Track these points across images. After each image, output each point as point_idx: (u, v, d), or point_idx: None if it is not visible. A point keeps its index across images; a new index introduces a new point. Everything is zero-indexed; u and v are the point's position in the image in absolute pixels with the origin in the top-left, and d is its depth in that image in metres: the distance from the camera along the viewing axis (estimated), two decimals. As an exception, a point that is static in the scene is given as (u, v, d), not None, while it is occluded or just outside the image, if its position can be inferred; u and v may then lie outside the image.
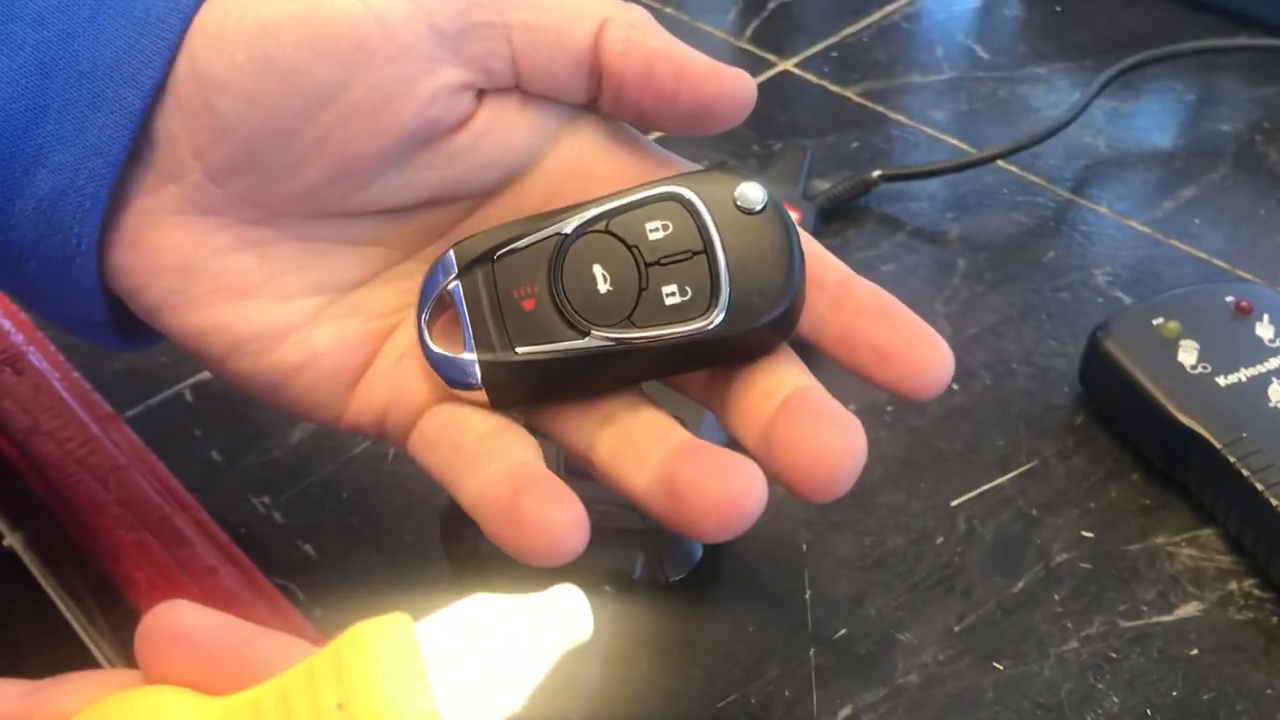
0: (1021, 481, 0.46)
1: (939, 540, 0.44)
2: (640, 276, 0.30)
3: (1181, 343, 0.46)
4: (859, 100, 0.67)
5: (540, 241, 0.30)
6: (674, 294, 0.30)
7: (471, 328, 0.30)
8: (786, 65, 0.70)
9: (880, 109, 0.66)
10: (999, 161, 0.61)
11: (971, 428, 0.48)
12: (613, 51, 0.30)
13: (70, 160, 0.30)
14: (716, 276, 0.29)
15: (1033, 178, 0.61)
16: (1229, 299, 0.47)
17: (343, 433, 0.48)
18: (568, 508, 0.28)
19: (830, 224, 0.58)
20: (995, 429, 0.48)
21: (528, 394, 0.31)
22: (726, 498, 0.27)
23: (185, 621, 0.25)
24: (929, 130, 0.65)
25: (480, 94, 0.31)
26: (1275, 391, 0.44)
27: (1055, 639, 0.41)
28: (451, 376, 0.31)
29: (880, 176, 0.59)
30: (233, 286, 0.32)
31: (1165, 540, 0.43)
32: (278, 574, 0.42)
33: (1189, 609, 0.41)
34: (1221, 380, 0.44)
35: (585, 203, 0.31)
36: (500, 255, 0.31)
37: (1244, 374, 0.44)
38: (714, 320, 0.29)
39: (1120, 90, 0.65)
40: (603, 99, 0.31)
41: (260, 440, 0.48)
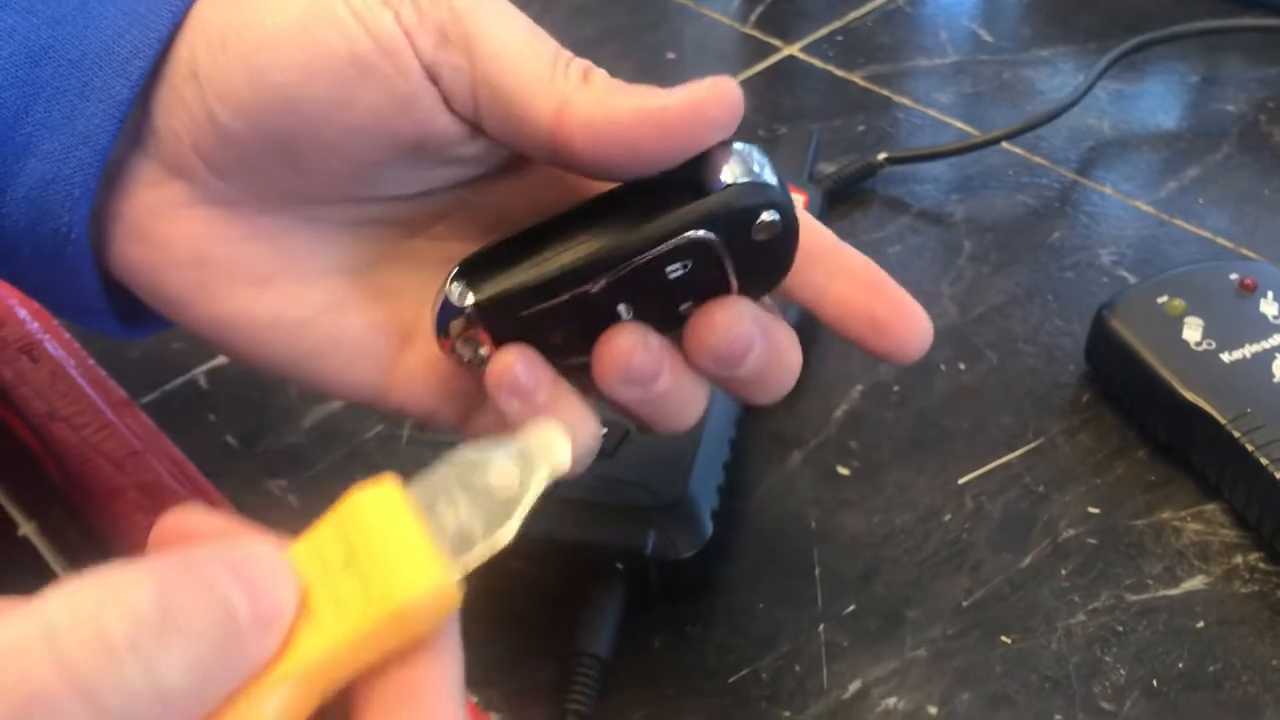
0: (1028, 459, 0.46)
1: (947, 517, 0.44)
2: (661, 311, 0.31)
3: (1186, 320, 0.46)
4: (864, 84, 0.67)
5: (564, 301, 0.30)
6: (687, 308, 0.31)
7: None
8: (791, 50, 0.71)
9: (885, 93, 0.67)
10: (1004, 143, 0.61)
11: (978, 406, 0.48)
12: (577, 140, 0.29)
13: (58, 149, 0.30)
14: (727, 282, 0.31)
15: (1037, 159, 0.61)
16: (1233, 277, 0.48)
17: (356, 416, 0.48)
18: None
19: (836, 206, 0.59)
20: (1002, 407, 0.48)
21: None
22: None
23: (197, 527, 0.25)
24: (934, 113, 0.65)
25: None
26: (1279, 367, 0.44)
27: (1063, 613, 0.41)
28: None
29: (885, 159, 0.59)
30: (249, 276, 0.32)
31: (1171, 515, 0.44)
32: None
33: (1195, 583, 0.42)
34: (1226, 357, 0.45)
35: (608, 252, 0.29)
36: (523, 314, 0.30)
37: (1248, 350, 0.45)
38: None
39: (1124, 71, 0.66)
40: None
41: (275, 425, 0.49)
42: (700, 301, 0.31)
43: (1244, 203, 0.58)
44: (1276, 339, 0.45)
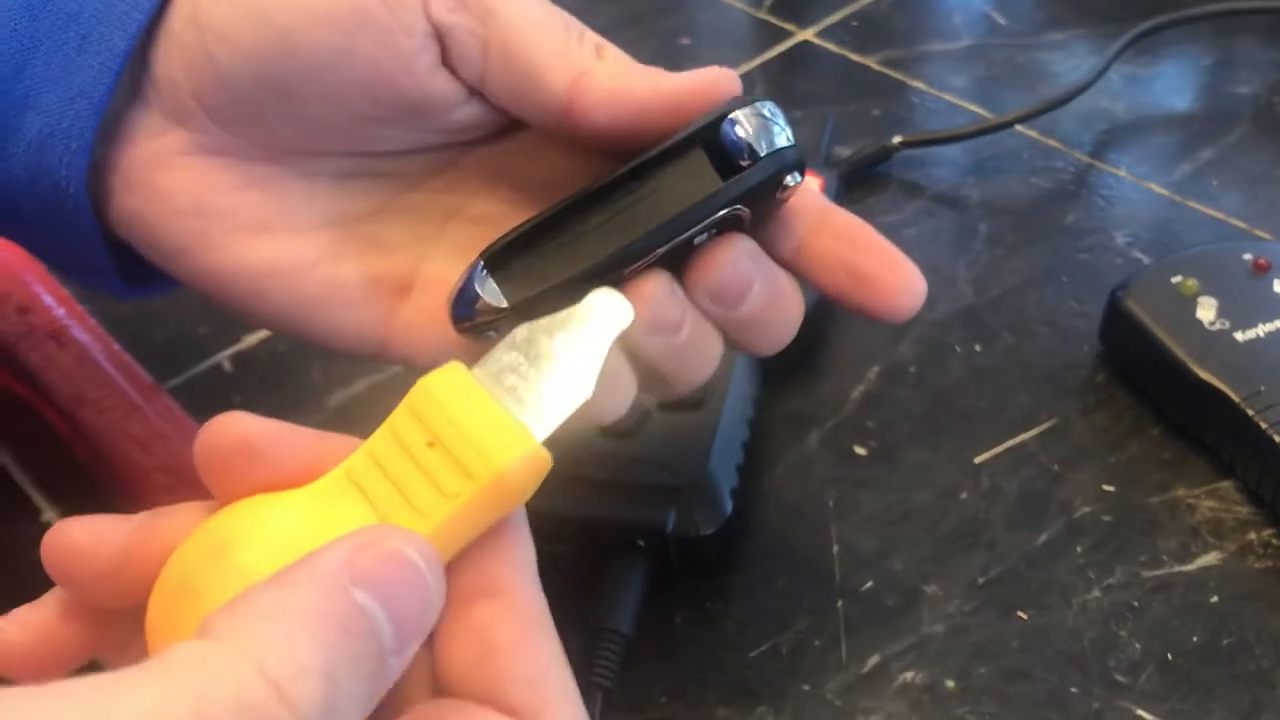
0: (1044, 438, 0.47)
1: (963, 496, 0.45)
2: (672, 260, 0.31)
3: (1200, 300, 0.46)
4: (879, 69, 0.68)
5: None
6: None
7: None
8: (807, 35, 0.71)
9: (900, 77, 0.67)
10: (1018, 126, 0.62)
11: (994, 387, 0.49)
12: (596, 112, 0.29)
13: (56, 102, 0.30)
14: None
15: (1052, 142, 0.62)
16: (1247, 256, 0.48)
17: (379, 398, 0.49)
18: None
19: (852, 190, 0.59)
20: (1018, 388, 0.49)
21: None
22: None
23: (246, 430, 0.25)
24: (949, 97, 0.65)
25: None
26: (1293, 346, 0.45)
27: (1078, 589, 0.42)
28: None
29: (901, 143, 0.60)
30: (247, 224, 0.32)
31: (1185, 493, 0.44)
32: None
33: (1209, 558, 0.42)
34: (1240, 336, 0.45)
35: (646, 242, 0.29)
36: (554, 301, 0.30)
37: (1261, 329, 0.45)
38: None
39: (1138, 55, 0.66)
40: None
41: (298, 407, 0.49)
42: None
43: (1258, 184, 0.58)
44: (1290, 318, 0.46)
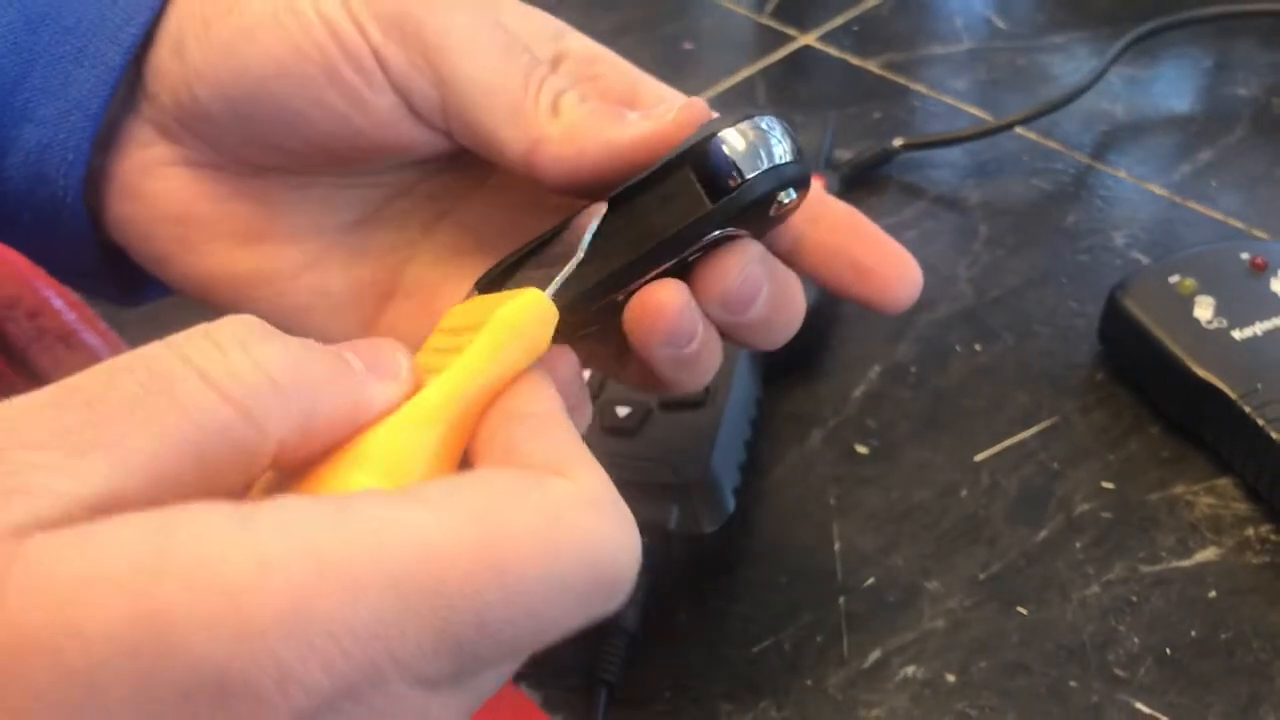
0: (1044, 436, 0.47)
1: (964, 493, 0.45)
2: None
3: (1198, 299, 0.47)
4: (880, 72, 0.68)
5: (591, 310, 0.30)
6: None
7: None
8: (808, 40, 0.71)
9: (901, 80, 0.68)
10: (1018, 128, 0.62)
11: (994, 386, 0.49)
12: (552, 176, 0.30)
13: (54, 114, 0.31)
14: None
15: (1052, 144, 0.62)
16: (1244, 256, 0.48)
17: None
18: None
19: (853, 192, 0.59)
20: (1018, 387, 0.49)
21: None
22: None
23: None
24: (949, 100, 0.66)
25: None
26: (1290, 344, 0.45)
27: (1077, 584, 0.42)
28: None
29: (902, 145, 0.60)
30: (233, 233, 0.33)
31: (1184, 489, 0.45)
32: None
33: (1207, 554, 0.43)
34: (1237, 334, 0.46)
35: (638, 266, 0.29)
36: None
37: (1259, 328, 0.46)
38: None
39: (1137, 57, 0.67)
40: None
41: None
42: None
43: (1256, 185, 0.59)
44: (1287, 316, 0.46)
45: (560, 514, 0.22)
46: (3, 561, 0.18)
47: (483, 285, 0.31)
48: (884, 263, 0.32)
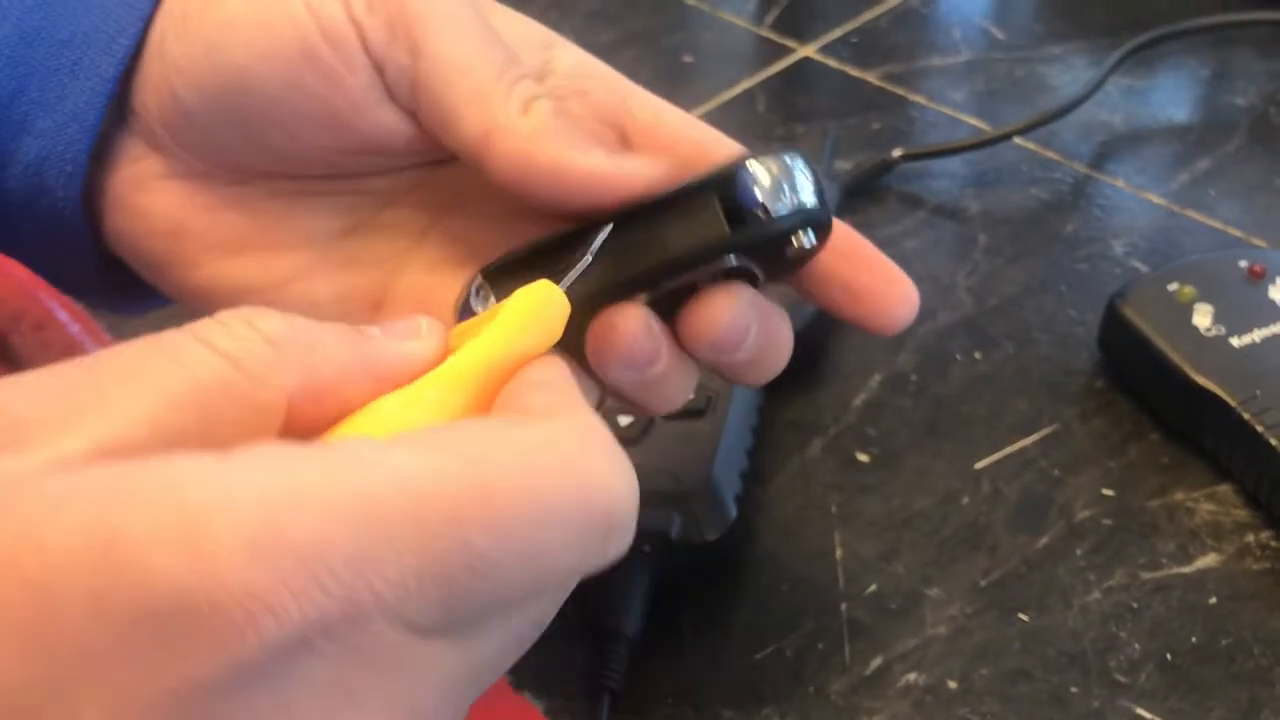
0: (1044, 444, 0.47)
1: (964, 501, 0.45)
2: (667, 304, 0.31)
3: (1196, 306, 0.47)
4: (879, 84, 0.69)
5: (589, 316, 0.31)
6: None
7: None
8: (807, 51, 0.72)
9: (900, 91, 0.68)
10: (1017, 139, 0.62)
11: (994, 394, 0.50)
12: (503, 171, 0.29)
13: (51, 126, 0.31)
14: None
15: (1050, 154, 0.62)
16: (1243, 264, 0.49)
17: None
18: None
19: (853, 202, 0.60)
20: (1018, 394, 0.50)
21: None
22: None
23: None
24: (948, 111, 0.66)
25: None
26: (1288, 351, 0.45)
27: (1078, 591, 0.42)
28: None
29: (901, 156, 0.61)
30: (223, 244, 0.33)
31: (1184, 496, 0.45)
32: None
33: (1207, 560, 0.43)
34: (1235, 341, 0.46)
35: (643, 279, 0.30)
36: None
37: (1257, 335, 0.46)
38: None
39: (1135, 67, 0.67)
40: None
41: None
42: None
43: (1254, 193, 0.59)
44: (1285, 323, 0.46)
45: (545, 444, 0.22)
46: None
47: (488, 273, 0.31)
48: (879, 284, 0.32)
